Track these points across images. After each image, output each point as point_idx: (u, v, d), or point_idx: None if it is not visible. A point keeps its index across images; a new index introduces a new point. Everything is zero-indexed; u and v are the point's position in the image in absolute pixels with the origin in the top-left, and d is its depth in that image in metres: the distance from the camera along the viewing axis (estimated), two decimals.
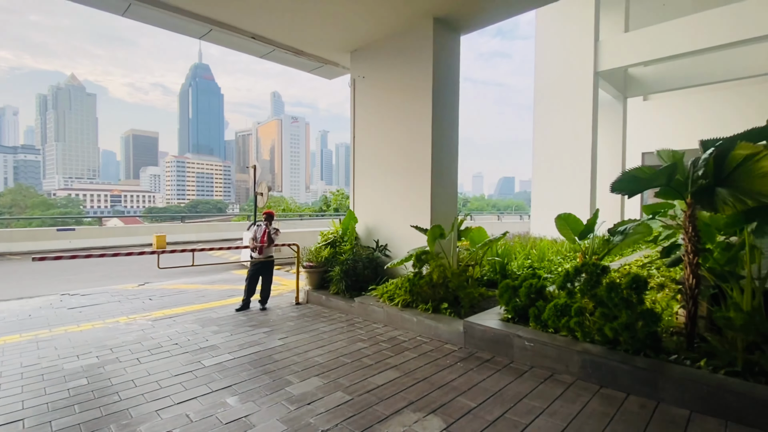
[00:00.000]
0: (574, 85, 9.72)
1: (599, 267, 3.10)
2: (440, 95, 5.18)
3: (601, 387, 2.76)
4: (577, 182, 9.58)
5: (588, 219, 4.18)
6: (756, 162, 2.50)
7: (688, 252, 2.92)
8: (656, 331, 2.79)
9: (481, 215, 33.50)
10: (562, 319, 3.18)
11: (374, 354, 3.47)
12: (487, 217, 32.37)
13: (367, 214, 5.93)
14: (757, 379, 2.40)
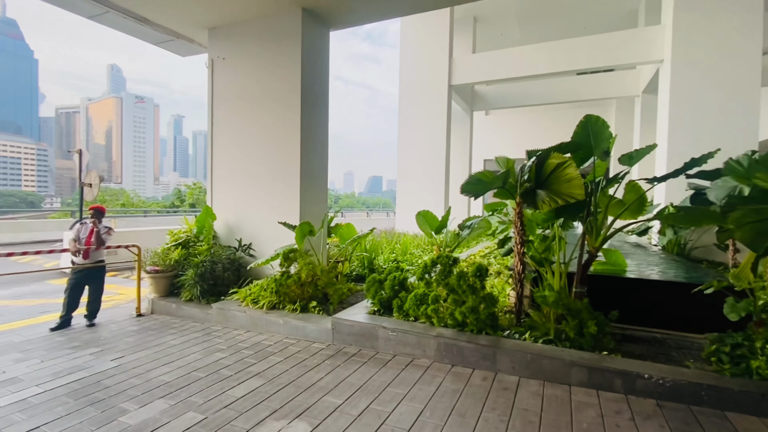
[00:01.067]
0: (432, 96, 10.72)
1: (451, 258, 3.45)
2: (310, 88, 5.05)
3: (453, 366, 3.07)
4: (434, 183, 10.62)
5: (442, 216, 4.64)
6: (563, 169, 3.12)
7: (517, 243, 3.48)
8: (494, 312, 3.24)
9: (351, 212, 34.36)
10: (421, 308, 3.44)
11: (235, 363, 3.17)
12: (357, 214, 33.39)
13: (228, 211, 5.41)
14: (563, 344, 3.00)
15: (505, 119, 17.69)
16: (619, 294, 3.85)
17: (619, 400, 2.53)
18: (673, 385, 2.50)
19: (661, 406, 2.44)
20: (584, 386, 2.70)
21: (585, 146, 3.53)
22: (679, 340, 3.39)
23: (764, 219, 2.64)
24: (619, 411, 2.39)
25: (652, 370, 2.60)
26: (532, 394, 2.60)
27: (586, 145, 3.52)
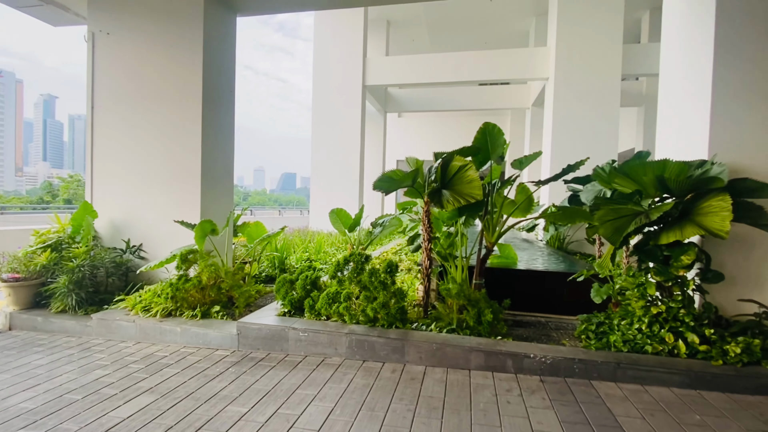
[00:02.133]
0: (346, 94, 10.74)
1: (363, 256, 3.50)
2: (213, 75, 4.67)
3: (364, 362, 3.12)
4: (348, 181, 10.66)
5: (356, 214, 4.68)
6: (465, 171, 3.37)
7: (425, 240, 3.67)
8: (404, 306, 3.36)
9: (262, 210, 32.78)
10: (333, 306, 3.42)
11: (120, 380, 2.80)
12: (268, 212, 31.96)
13: (113, 208, 4.75)
14: (464, 332, 3.24)
15: (417, 122, 18.53)
16: (511, 284, 4.29)
17: (510, 379, 2.81)
18: (552, 361, 2.86)
19: (543, 381, 2.78)
20: (482, 369, 2.95)
21: (483, 151, 3.86)
22: (558, 322, 3.89)
23: (620, 217, 3.16)
24: (509, 389, 2.66)
25: (536, 350, 2.95)
26: (437, 381, 2.76)
27: (485, 150, 3.85)
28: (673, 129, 4.02)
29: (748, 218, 3.00)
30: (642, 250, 3.28)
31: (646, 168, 3.16)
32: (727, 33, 3.41)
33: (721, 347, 2.87)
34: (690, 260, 2.99)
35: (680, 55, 3.98)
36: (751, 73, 3.38)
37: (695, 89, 3.67)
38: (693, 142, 3.65)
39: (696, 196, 3.00)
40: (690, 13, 3.83)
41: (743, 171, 3.30)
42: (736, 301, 3.34)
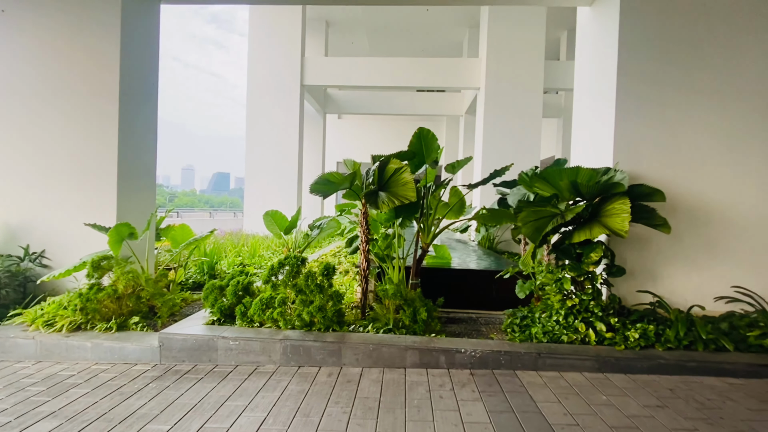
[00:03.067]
0: (283, 93, 10.45)
1: (299, 259, 3.42)
2: (132, 66, 4.29)
3: (299, 367, 3.04)
4: (285, 182, 10.37)
5: (292, 216, 4.57)
6: (401, 174, 3.45)
7: (363, 242, 3.68)
8: (341, 308, 3.34)
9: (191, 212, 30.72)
10: (267, 312, 3.30)
11: (15, 406, 2.44)
12: (198, 214, 29.98)
13: (7, 210, 4.15)
14: (400, 331, 3.30)
15: (357, 124, 18.59)
16: (445, 282, 4.46)
17: (443, 374, 2.92)
18: (481, 355, 3.02)
19: (473, 374, 2.92)
20: (417, 367, 3.03)
21: (419, 155, 3.98)
22: (488, 318, 4.12)
23: (540, 218, 3.43)
24: (442, 384, 2.76)
25: (467, 345, 3.10)
26: (373, 382, 2.79)
27: (420, 154, 3.97)
28: (584, 139, 4.46)
29: (644, 219, 3.43)
30: (559, 248, 3.60)
31: (562, 173, 3.48)
32: (627, 59, 3.87)
33: (623, 334, 3.24)
34: (598, 257, 3.35)
35: (590, 76, 4.44)
36: (646, 95, 3.87)
37: (602, 106, 4.11)
38: (601, 151, 4.09)
39: (602, 200, 3.37)
40: (598, 38, 4.30)
41: (640, 178, 3.77)
42: (636, 292, 3.79)
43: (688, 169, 3.83)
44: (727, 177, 3.82)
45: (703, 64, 3.83)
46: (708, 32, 3.82)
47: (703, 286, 3.80)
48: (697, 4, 3.81)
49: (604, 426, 2.27)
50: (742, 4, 3.79)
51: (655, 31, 3.85)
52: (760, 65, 3.79)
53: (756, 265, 3.79)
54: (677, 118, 3.84)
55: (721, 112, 3.82)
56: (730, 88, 3.81)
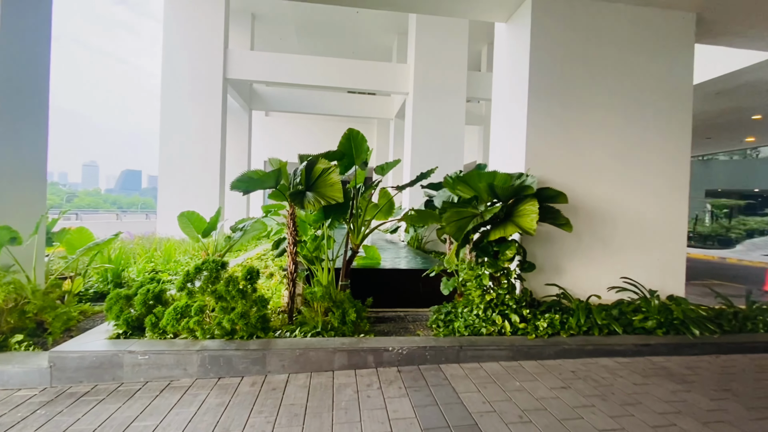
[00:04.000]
0: (204, 85, 9.76)
1: (219, 263, 3.21)
2: (13, 45, 3.68)
3: (219, 379, 2.85)
4: (206, 182, 9.69)
5: (211, 217, 4.28)
6: (328, 175, 3.41)
7: (290, 243, 3.58)
8: (266, 314, 3.20)
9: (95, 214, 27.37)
10: (182, 322, 3.04)
11: None
12: (103, 215, 26.80)
13: None
14: (329, 334, 3.26)
15: (287, 123, 18.03)
16: (375, 282, 4.51)
17: (371, 374, 2.94)
18: (408, 352, 3.10)
19: (400, 371, 2.98)
20: (345, 369, 3.01)
21: (348, 156, 3.98)
22: (415, 315, 4.24)
23: (462, 218, 3.63)
24: (370, 384, 2.78)
25: (394, 343, 3.16)
26: (300, 388, 2.71)
27: (349, 155, 3.97)
28: (501, 146, 4.82)
29: (550, 219, 3.80)
30: (479, 246, 3.83)
31: (481, 177, 3.71)
32: (536, 76, 4.26)
33: (534, 324, 3.55)
34: (512, 254, 3.63)
35: (505, 89, 4.81)
36: (552, 110, 4.29)
37: (516, 117, 4.47)
38: (515, 158, 4.44)
39: (516, 201, 3.66)
40: (513, 54, 4.67)
41: (547, 182, 4.17)
42: (544, 285, 4.18)
43: (586, 176, 4.33)
44: (617, 183, 4.38)
45: (597, 83, 4.35)
46: (600, 56, 4.35)
47: (599, 278, 4.31)
48: (592, 30, 4.33)
49: (516, 409, 2.46)
50: (626, 32, 4.39)
51: (559, 52, 4.30)
52: (639, 86, 4.42)
53: (639, 259, 4.40)
54: (577, 131, 4.32)
55: (611, 126, 4.38)
56: (618, 106, 4.38)
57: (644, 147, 4.44)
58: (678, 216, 4.51)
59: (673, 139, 4.50)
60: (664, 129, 4.48)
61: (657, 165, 4.46)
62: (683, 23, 4.50)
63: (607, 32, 4.36)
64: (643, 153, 4.44)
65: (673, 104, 4.49)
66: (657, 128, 4.46)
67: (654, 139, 4.46)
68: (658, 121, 4.46)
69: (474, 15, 4.85)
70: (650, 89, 4.44)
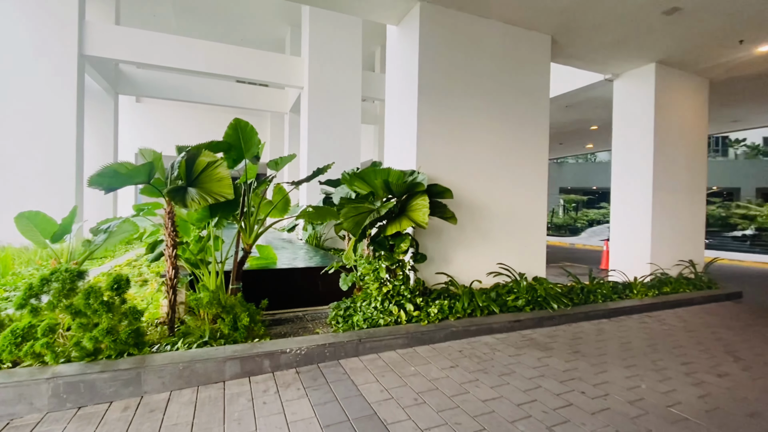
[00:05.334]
0: (52, 62, 8.08)
1: (74, 272, 2.69)
2: None
3: (79, 409, 2.40)
4: (58, 177, 8.06)
5: (64, 218, 3.57)
6: (215, 168, 3.12)
7: (169, 246, 3.18)
8: (140, 327, 2.80)
9: None
10: (24, 346, 2.48)
11: None
12: None
13: None
14: (219, 342, 2.99)
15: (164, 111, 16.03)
16: (271, 283, 4.30)
17: (267, 379, 2.79)
18: (307, 351, 3.03)
19: (299, 372, 2.90)
20: (238, 377, 2.81)
21: (237, 148, 3.70)
22: (315, 314, 4.18)
23: (359, 214, 3.68)
24: (266, 389, 2.64)
25: (292, 344, 3.05)
26: (184, 405, 2.44)
27: (238, 148, 3.70)
28: (395, 145, 5.02)
29: (439, 213, 4.09)
30: (376, 241, 3.94)
31: (376, 173, 3.81)
32: (425, 80, 4.53)
33: (426, 311, 3.79)
34: (406, 246, 3.81)
35: (398, 90, 5.01)
36: (439, 110, 4.62)
37: (408, 118, 4.70)
38: (407, 155, 4.67)
39: (409, 197, 3.85)
40: (404, 57, 4.88)
41: (436, 179, 4.48)
42: (435, 274, 4.49)
43: (468, 173, 4.77)
44: (492, 181, 4.93)
45: (476, 90, 4.82)
46: (479, 65, 4.83)
47: (480, 264, 4.80)
48: (472, 41, 4.78)
49: (412, 393, 2.60)
50: (499, 46, 4.94)
51: (445, 58, 4.64)
52: (509, 95, 5.03)
53: (511, 246, 5.02)
54: (461, 133, 4.73)
55: (488, 130, 4.90)
56: (493, 112, 4.92)
57: (513, 149, 5.08)
58: (539, 209, 5.27)
59: (535, 143, 5.23)
60: (528, 134, 5.18)
61: (523, 165, 5.14)
62: (542, 44, 5.26)
63: (484, 44, 4.85)
64: (513, 154, 5.07)
65: (535, 113, 5.22)
66: (523, 133, 5.14)
67: (521, 142, 5.13)
68: (524, 127, 5.14)
69: (366, 14, 4.94)
70: (517, 99, 5.09)
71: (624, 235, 6.58)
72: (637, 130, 6.42)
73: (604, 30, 5.18)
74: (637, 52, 5.82)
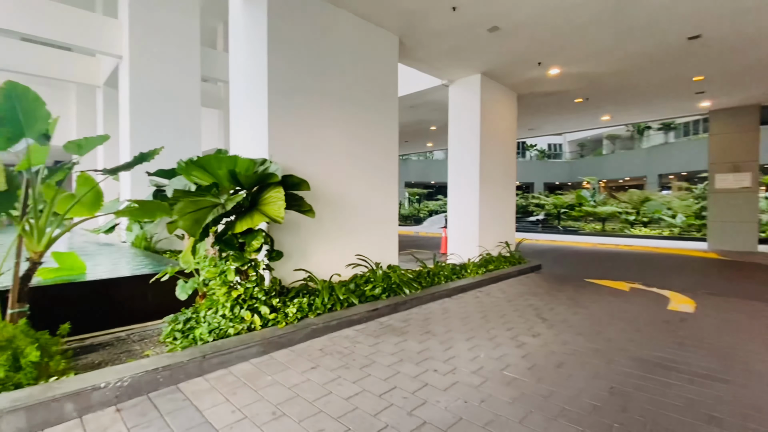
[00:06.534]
0: None
1: None
2: None
3: None
4: None
5: None
6: None
7: None
8: None
9: None
10: None
11: None
12: None
13: None
14: None
15: None
16: (80, 301, 3.36)
17: (73, 428, 2.12)
18: (131, 381, 2.43)
19: (120, 410, 2.30)
20: None
21: (11, 122, 2.71)
22: (144, 332, 3.45)
23: (200, 209, 3.15)
24: None
25: (110, 375, 2.40)
26: None
27: (13, 121, 2.71)
28: (243, 131, 4.52)
29: (296, 206, 3.85)
30: (222, 239, 3.45)
31: (220, 162, 3.33)
32: (276, 63, 4.18)
33: (284, 312, 3.53)
34: (259, 244, 3.46)
35: (245, 72, 4.51)
36: (293, 97, 4.34)
37: (257, 102, 4.27)
38: (258, 143, 4.25)
39: (261, 189, 3.50)
40: (250, 35, 4.41)
41: (292, 169, 4.21)
42: (293, 271, 4.24)
43: (326, 165, 4.65)
44: (349, 173, 4.93)
45: (331, 80, 4.71)
46: (333, 55, 4.73)
47: (339, 257, 4.77)
48: (326, 28, 4.63)
49: (269, 406, 2.34)
50: (352, 39, 4.94)
51: (297, 42, 4.37)
52: (363, 90, 5.09)
53: (367, 237, 5.14)
54: (317, 122, 4.56)
55: (344, 123, 4.87)
56: (348, 105, 4.91)
57: (368, 143, 5.18)
58: (392, 201, 5.55)
59: (387, 139, 5.46)
60: (381, 129, 5.37)
61: (377, 159, 5.31)
62: (390, 43, 5.50)
63: (337, 34, 4.76)
64: (368, 148, 5.18)
65: (386, 110, 5.44)
66: (376, 129, 5.29)
67: (374, 137, 5.27)
68: (377, 123, 5.30)
69: None
70: (370, 95, 5.20)
71: (459, 222, 7.53)
72: (467, 132, 7.38)
73: (443, 38, 5.72)
74: (467, 62, 6.65)
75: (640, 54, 6.28)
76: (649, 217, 16.93)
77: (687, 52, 6.22)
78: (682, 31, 5.45)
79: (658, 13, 4.98)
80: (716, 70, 7.07)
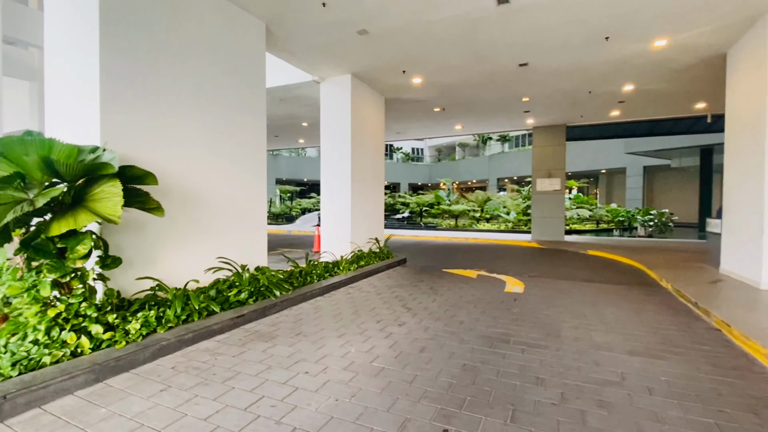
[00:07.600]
0: None
1: None
2: None
3: None
4: None
5: None
6: None
7: None
8: None
9: None
10: None
11: None
12: None
13: None
14: None
15: None
16: None
17: None
18: None
19: None
20: None
21: None
22: None
23: None
24: None
25: None
26: None
27: None
28: (63, 112, 3.64)
29: (139, 203, 3.28)
30: (31, 245, 2.72)
31: (28, 146, 2.62)
32: (111, 26, 3.48)
33: (124, 328, 2.97)
34: (87, 249, 2.83)
35: (65, 33, 3.64)
36: (136, 73, 3.68)
37: (86, 74, 3.49)
38: (86, 127, 3.48)
39: (88, 182, 2.86)
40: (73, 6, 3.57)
41: (132, 159, 3.57)
42: (136, 280, 3.61)
43: (180, 157, 4.08)
44: (210, 168, 4.44)
45: (185, 62, 4.15)
46: (187, 34, 4.18)
47: (197, 261, 4.26)
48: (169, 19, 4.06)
49: None
50: (212, 18, 4.45)
51: (143, 12, 3.71)
52: (225, 78, 4.65)
53: (231, 238, 4.72)
54: (168, 108, 3.96)
55: (203, 110, 4.36)
56: (207, 91, 4.41)
57: (231, 137, 4.76)
58: (259, 199, 5.22)
59: (253, 132, 5.10)
60: (246, 122, 4.99)
61: (241, 154, 4.92)
62: (257, 29, 5.15)
63: (195, 11, 4.23)
64: (231, 142, 4.75)
65: (253, 101, 5.08)
66: (241, 121, 4.90)
67: (238, 130, 4.87)
68: (242, 114, 4.91)
69: None
70: (233, 81, 4.78)
71: (332, 220, 7.56)
72: (339, 130, 7.45)
73: (314, 33, 5.63)
74: (338, 60, 6.69)
75: (484, 73, 7.29)
76: (490, 214, 19.97)
77: (518, 77, 7.49)
78: (514, 58, 6.53)
79: (495, 41, 5.86)
80: (538, 93, 8.70)
